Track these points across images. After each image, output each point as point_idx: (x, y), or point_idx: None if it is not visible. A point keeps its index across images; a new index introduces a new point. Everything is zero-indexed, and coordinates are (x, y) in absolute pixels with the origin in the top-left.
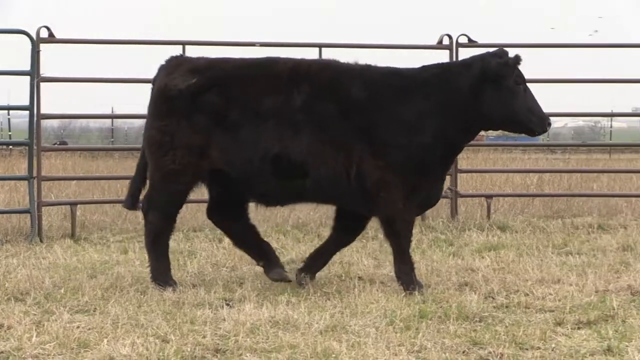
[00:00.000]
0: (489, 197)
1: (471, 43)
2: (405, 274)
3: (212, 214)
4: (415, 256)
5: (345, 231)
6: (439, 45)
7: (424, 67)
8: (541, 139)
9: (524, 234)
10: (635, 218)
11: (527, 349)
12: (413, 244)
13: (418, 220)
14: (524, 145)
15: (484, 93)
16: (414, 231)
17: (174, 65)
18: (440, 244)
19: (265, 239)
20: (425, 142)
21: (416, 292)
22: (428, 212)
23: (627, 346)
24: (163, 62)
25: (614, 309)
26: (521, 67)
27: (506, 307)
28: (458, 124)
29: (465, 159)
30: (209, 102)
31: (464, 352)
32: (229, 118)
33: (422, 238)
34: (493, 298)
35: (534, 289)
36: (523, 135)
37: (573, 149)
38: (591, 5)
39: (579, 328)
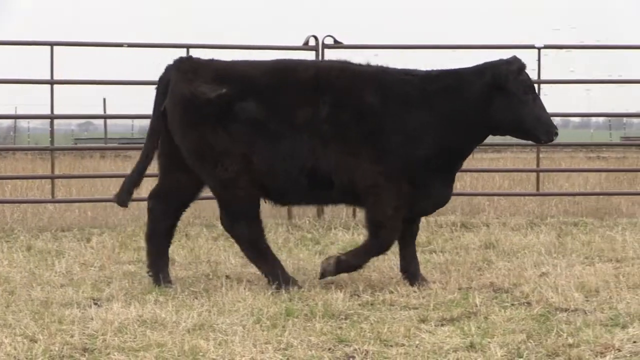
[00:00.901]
0: None
1: (337, 44)
2: (348, 267)
3: (152, 197)
4: (282, 255)
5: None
6: (306, 47)
7: (437, 74)
8: None
9: None
10: (497, 216)
11: (391, 346)
12: (279, 243)
13: (285, 219)
14: None
15: (494, 101)
16: (280, 230)
17: (192, 70)
18: (307, 243)
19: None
20: (430, 150)
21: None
22: (294, 212)
23: (489, 342)
24: (172, 63)
25: (476, 306)
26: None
27: (371, 304)
28: (467, 130)
29: None
30: (244, 111)
31: (329, 349)
32: (266, 128)
33: (289, 237)
34: (358, 296)
35: (399, 286)
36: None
37: None
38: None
39: (442, 325)
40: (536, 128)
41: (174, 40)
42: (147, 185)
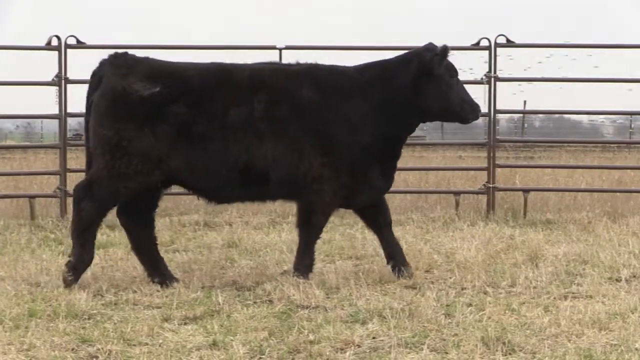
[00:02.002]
0: None
1: (80, 44)
2: (305, 267)
3: (122, 214)
4: (25, 255)
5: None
6: (48, 47)
7: (365, 67)
8: None
9: None
10: (240, 215)
11: (135, 345)
12: (22, 243)
13: (28, 219)
14: None
15: (423, 87)
16: (24, 230)
17: (125, 66)
18: (50, 243)
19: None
20: (366, 140)
21: (302, 281)
22: (38, 212)
23: (232, 340)
24: (107, 58)
25: (219, 304)
26: None
27: (115, 304)
28: (400, 118)
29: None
30: (174, 112)
31: (73, 349)
32: (194, 129)
33: (31, 237)
34: (102, 296)
35: (142, 286)
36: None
37: None
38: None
39: (185, 323)
40: (464, 109)
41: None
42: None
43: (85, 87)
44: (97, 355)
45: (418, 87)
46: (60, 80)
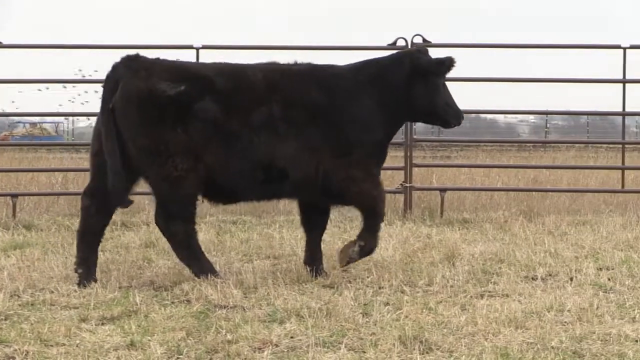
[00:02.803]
0: (14, 196)
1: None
2: (369, 251)
3: (91, 196)
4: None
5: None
6: None
7: (359, 66)
8: (66, 138)
9: (49, 232)
10: None
11: (52, 346)
12: None
13: None
14: (48, 145)
15: (413, 87)
16: None
17: (143, 68)
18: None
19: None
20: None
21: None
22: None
23: (149, 340)
24: (119, 61)
25: (137, 305)
26: None
27: (32, 304)
28: (395, 117)
29: None
30: (203, 109)
31: None
32: (223, 127)
33: None
34: (19, 296)
35: (59, 286)
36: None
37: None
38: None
39: (103, 324)
40: (447, 113)
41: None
42: None
43: None
44: (13, 356)
45: (409, 86)
46: None
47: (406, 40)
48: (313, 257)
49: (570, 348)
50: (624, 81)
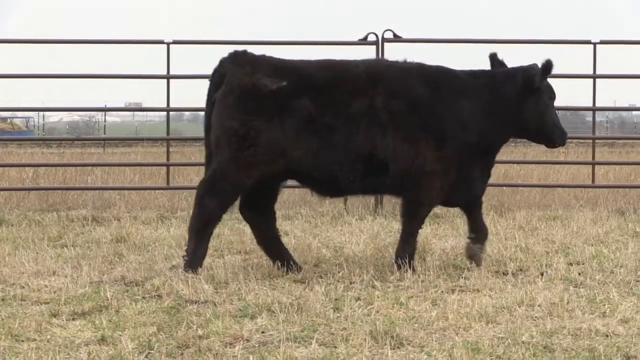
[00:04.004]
0: None
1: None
2: (409, 255)
3: (245, 208)
4: None
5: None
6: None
7: (476, 73)
8: (37, 133)
9: (20, 228)
10: (129, 210)
11: (23, 341)
12: None
13: None
14: (19, 140)
15: (524, 102)
16: None
17: (249, 64)
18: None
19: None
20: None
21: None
22: None
23: (120, 335)
24: (227, 57)
25: (108, 300)
26: None
27: (2, 300)
28: (501, 128)
29: None
30: (301, 105)
31: None
32: (320, 121)
33: None
34: None
35: (30, 281)
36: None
37: (68, 143)
38: None
39: (74, 319)
40: (554, 133)
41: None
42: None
43: None
44: None
45: (520, 101)
46: None
47: (377, 36)
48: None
49: (541, 343)
50: (594, 76)
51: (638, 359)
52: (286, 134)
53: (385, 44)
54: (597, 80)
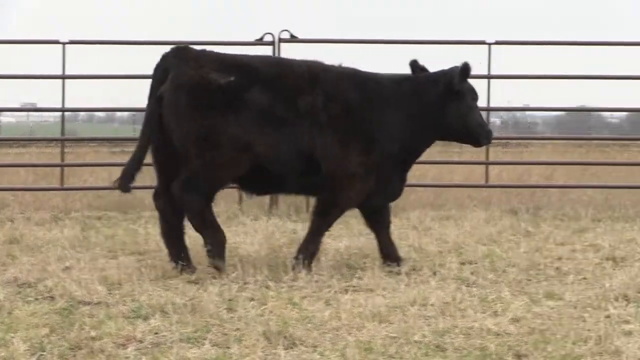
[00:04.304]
0: None
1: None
2: (311, 254)
3: (158, 197)
4: None
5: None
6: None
7: (402, 77)
8: None
9: None
10: (22, 211)
11: None
12: None
13: None
14: None
15: (447, 105)
16: None
17: (193, 58)
18: None
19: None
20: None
21: (302, 268)
22: None
23: (12, 337)
24: (170, 52)
25: (0, 301)
26: None
27: None
28: (425, 132)
29: None
30: (253, 99)
31: None
32: (273, 115)
33: None
34: None
35: None
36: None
37: None
38: None
39: None
40: (480, 133)
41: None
42: None
43: None
44: None
45: (443, 105)
46: None
47: (273, 36)
48: (388, 253)
49: (433, 342)
50: (488, 77)
51: (529, 358)
52: (245, 129)
53: (282, 44)
54: (491, 80)
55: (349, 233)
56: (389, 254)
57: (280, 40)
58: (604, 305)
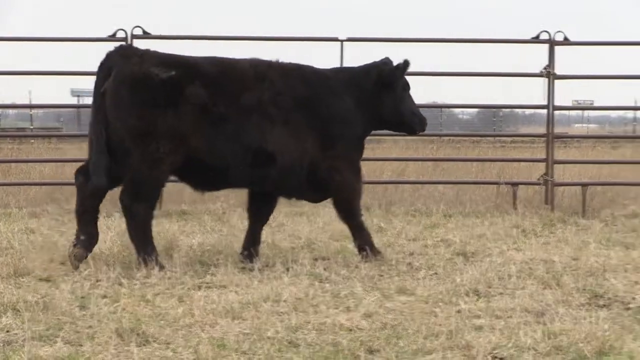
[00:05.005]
0: None
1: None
2: (369, 244)
3: (80, 174)
4: None
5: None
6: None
7: (337, 69)
8: None
9: None
10: None
11: None
12: None
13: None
14: None
15: (380, 96)
16: None
17: (136, 55)
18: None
19: None
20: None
21: (378, 258)
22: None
23: None
24: (114, 50)
25: None
26: None
27: None
28: (365, 121)
29: None
30: (193, 94)
31: None
32: (213, 111)
33: None
34: None
35: None
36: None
37: None
38: None
39: None
40: (414, 121)
41: None
42: None
43: None
44: None
45: (378, 95)
46: None
47: (126, 32)
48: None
49: (286, 338)
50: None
51: (381, 353)
52: (183, 122)
53: (135, 40)
54: None
55: (202, 230)
56: (249, 246)
57: (133, 36)
58: (455, 300)
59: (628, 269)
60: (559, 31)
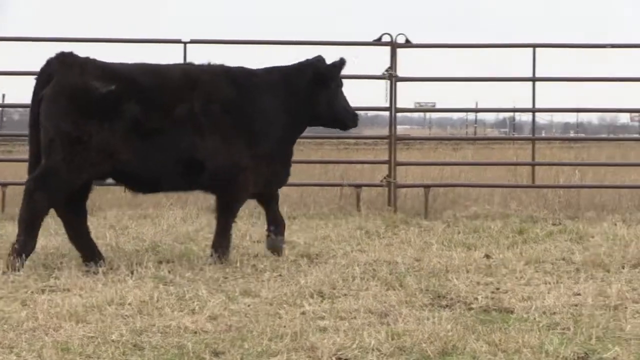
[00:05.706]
0: None
1: None
2: (225, 248)
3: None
4: None
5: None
6: None
7: (268, 69)
8: None
9: None
10: None
11: None
12: None
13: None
14: None
15: (314, 94)
16: None
17: (77, 65)
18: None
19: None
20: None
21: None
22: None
23: None
24: (54, 57)
25: None
26: None
27: None
28: (298, 119)
29: None
30: (128, 109)
31: None
32: (146, 125)
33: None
34: None
35: None
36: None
37: None
38: None
39: None
40: (346, 117)
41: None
42: None
43: None
44: None
45: (310, 93)
46: None
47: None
48: (276, 227)
49: (131, 341)
50: None
51: (226, 355)
52: (116, 137)
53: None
54: None
55: (45, 233)
56: (276, 228)
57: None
58: (299, 302)
59: (470, 270)
60: (401, 33)
